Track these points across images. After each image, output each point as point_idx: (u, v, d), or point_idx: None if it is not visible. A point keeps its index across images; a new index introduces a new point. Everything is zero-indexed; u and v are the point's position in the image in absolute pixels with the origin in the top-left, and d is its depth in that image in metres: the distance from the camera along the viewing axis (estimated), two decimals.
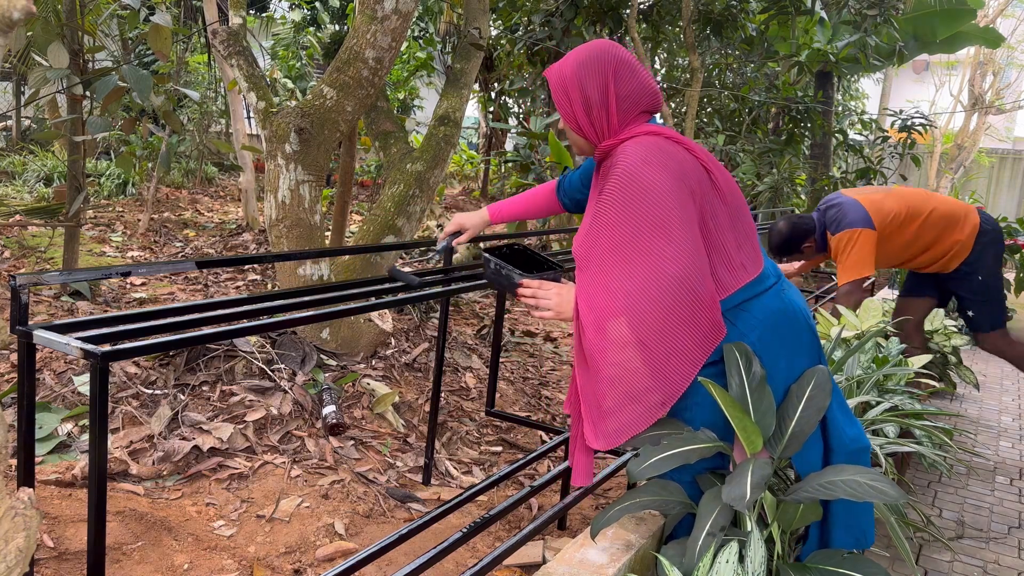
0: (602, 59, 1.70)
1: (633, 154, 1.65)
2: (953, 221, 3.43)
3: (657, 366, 1.59)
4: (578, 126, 1.76)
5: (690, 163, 1.67)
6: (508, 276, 1.82)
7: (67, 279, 1.64)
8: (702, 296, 1.59)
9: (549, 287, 1.79)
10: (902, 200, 3.45)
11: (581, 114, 1.73)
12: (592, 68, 1.70)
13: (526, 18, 7.95)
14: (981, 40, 9.04)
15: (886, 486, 1.43)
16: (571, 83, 1.72)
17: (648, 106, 1.74)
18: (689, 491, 1.71)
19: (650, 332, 1.58)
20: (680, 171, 1.64)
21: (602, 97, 1.70)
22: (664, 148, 1.66)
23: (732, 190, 1.74)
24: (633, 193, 1.61)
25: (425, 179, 3.98)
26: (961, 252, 3.45)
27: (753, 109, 7.02)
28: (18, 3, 0.99)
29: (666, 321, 1.58)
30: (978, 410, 4.45)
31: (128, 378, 2.95)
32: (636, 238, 1.60)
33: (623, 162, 1.65)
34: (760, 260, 1.76)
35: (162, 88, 3.94)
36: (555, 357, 4.60)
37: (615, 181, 1.64)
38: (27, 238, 5.37)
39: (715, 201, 1.69)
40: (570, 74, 1.72)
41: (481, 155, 13.30)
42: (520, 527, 2.59)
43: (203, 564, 2.15)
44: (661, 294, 1.57)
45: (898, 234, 3.43)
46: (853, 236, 3.32)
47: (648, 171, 1.62)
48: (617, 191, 1.63)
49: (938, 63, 16.86)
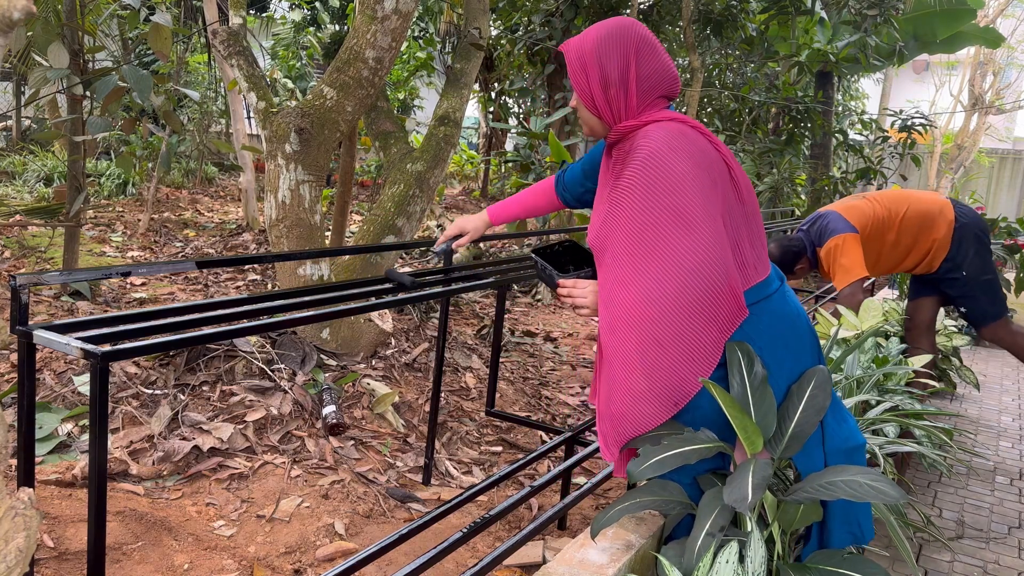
0: (625, 36, 1.63)
1: (658, 139, 1.58)
2: (928, 220, 3.43)
3: (672, 367, 1.55)
4: (593, 104, 1.68)
5: (713, 153, 1.62)
6: (550, 276, 1.83)
7: (67, 279, 1.64)
8: (723, 291, 1.54)
9: (584, 285, 1.76)
10: (879, 202, 3.48)
11: (598, 91, 1.65)
12: (613, 44, 1.62)
13: (526, 18, 7.95)
14: (981, 40, 9.04)
15: (886, 486, 1.43)
16: (590, 58, 1.64)
17: (667, 90, 1.67)
18: (690, 491, 1.71)
19: (666, 330, 1.54)
20: (704, 160, 1.59)
21: (622, 76, 1.63)
22: (689, 136, 1.60)
23: (748, 188, 1.70)
24: (656, 179, 1.55)
25: (425, 179, 3.98)
26: (941, 250, 3.44)
27: (753, 109, 7.02)
28: (18, 3, 0.99)
29: (683, 319, 1.53)
30: (978, 410, 4.45)
31: (128, 378, 2.95)
32: (655, 228, 1.54)
33: (647, 146, 1.58)
34: (768, 262, 1.74)
35: (162, 88, 3.94)
36: (555, 357, 4.60)
37: (637, 166, 1.58)
38: (27, 238, 5.37)
39: (733, 196, 1.64)
40: (590, 49, 1.64)
41: (481, 155, 13.31)
42: (520, 527, 2.59)
43: (203, 564, 2.15)
44: (679, 289, 1.52)
45: (881, 236, 3.45)
46: (838, 243, 3.36)
47: (673, 157, 1.55)
48: (639, 176, 1.57)
49: (938, 63, 16.86)
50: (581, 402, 3.90)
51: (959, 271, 3.46)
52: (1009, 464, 3.65)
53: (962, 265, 3.45)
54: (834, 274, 3.40)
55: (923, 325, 3.68)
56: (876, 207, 3.45)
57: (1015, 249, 5.95)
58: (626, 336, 1.58)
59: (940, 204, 3.47)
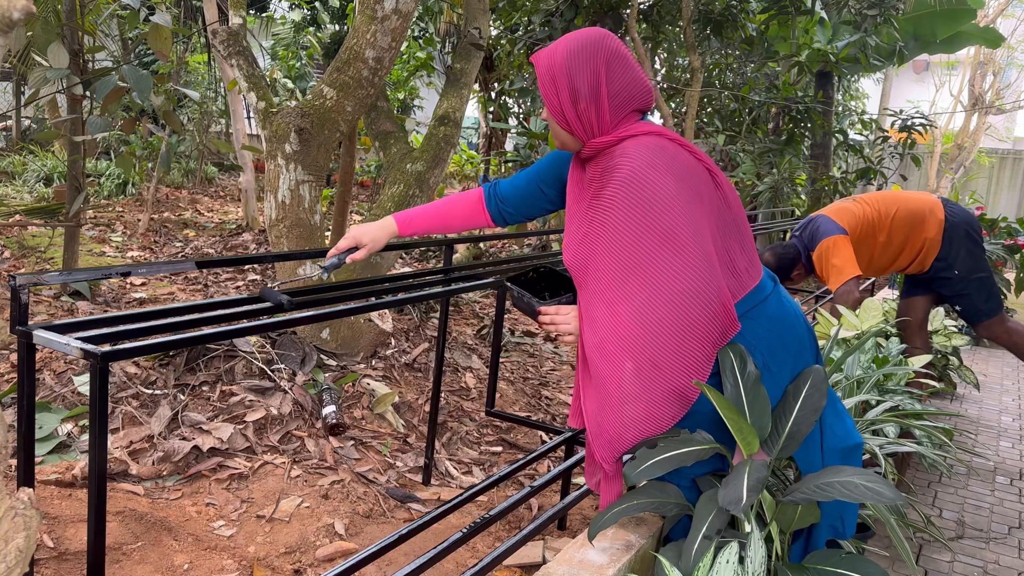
0: (595, 49, 1.57)
1: (637, 157, 1.54)
2: (919, 219, 3.45)
3: (669, 386, 1.54)
4: (564, 119, 1.62)
5: (695, 165, 1.59)
6: (528, 303, 1.79)
7: (67, 279, 1.64)
8: (715, 309, 1.52)
9: (567, 311, 1.73)
10: (869, 204, 3.51)
11: (568, 106, 1.59)
12: (584, 58, 1.56)
13: (526, 18, 7.95)
14: (981, 40, 9.03)
15: (882, 487, 1.43)
16: (559, 71, 1.58)
17: (641, 104, 1.63)
18: (688, 493, 1.71)
19: (660, 351, 1.51)
20: (687, 175, 1.55)
21: (592, 91, 1.57)
22: (669, 151, 1.57)
23: (733, 193, 1.68)
24: (639, 200, 1.51)
25: (425, 179, 3.98)
26: (932, 249, 3.47)
27: (753, 109, 7.02)
28: (18, 3, 0.99)
29: (677, 339, 1.51)
30: (978, 410, 4.45)
31: (128, 378, 2.95)
32: (641, 249, 1.51)
33: (626, 165, 1.54)
34: (760, 266, 1.72)
35: (162, 88, 3.94)
36: (555, 357, 4.60)
37: (617, 186, 1.54)
38: (27, 238, 5.37)
39: (721, 205, 1.62)
40: (560, 62, 1.58)
41: (481, 155, 13.30)
42: (520, 527, 2.59)
43: (203, 564, 2.15)
44: (671, 311, 1.50)
45: (872, 236, 3.47)
46: (828, 245, 3.38)
47: (654, 176, 1.51)
48: (620, 196, 1.52)
49: (938, 63, 16.86)
50: None
51: (951, 270, 3.48)
52: (1009, 464, 3.65)
53: (954, 264, 3.47)
54: (827, 276, 3.42)
55: (915, 324, 3.70)
56: (866, 208, 3.48)
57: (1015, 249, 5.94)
58: (619, 359, 1.55)
59: (930, 204, 3.49)
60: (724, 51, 7.36)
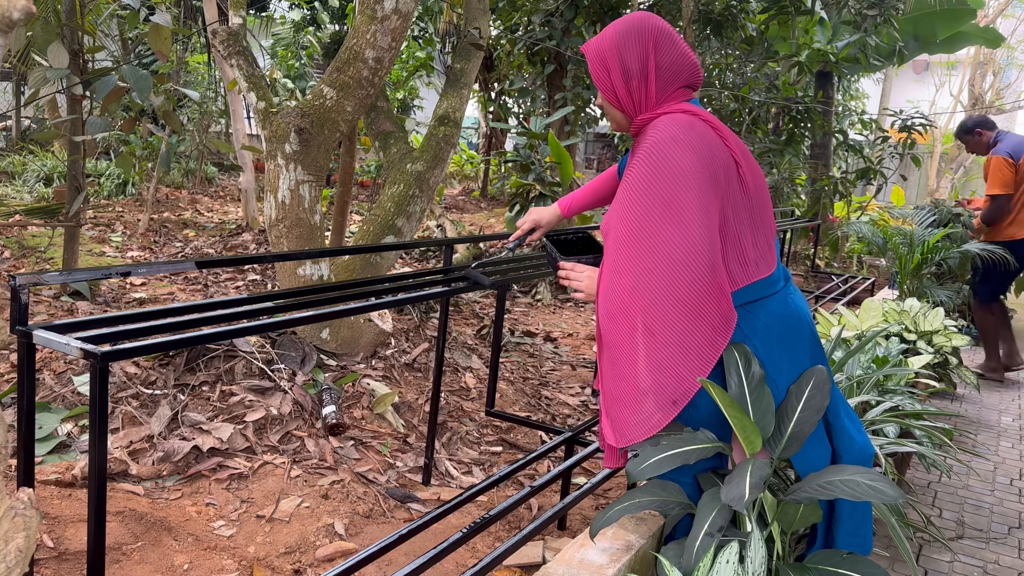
0: (642, 28, 1.65)
1: (664, 129, 1.60)
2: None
3: (665, 360, 1.55)
4: (616, 98, 1.70)
5: (720, 149, 1.62)
6: (553, 257, 1.93)
7: (67, 279, 1.63)
8: (709, 287, 1.54)
9: (582, 270, 1.81)
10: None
11: (620, 85, 1.68)
12: (632, 37, 1.65)
13: (526, 18, 7.95)
14: (981, 40, 9.03)
15: (885, 486, 1.43)
16: (610, 53, 1.67)
17: (688, 80, 1.69)
18: (689, 491, 1.71)
19: (657, 320, 1.55)
20: (708, 154, 1.59)
21: (642, 67, 1.65)
22: (696, 128, 1.61)
23: (759, 185, 1.70)
24: (655, 169, 1.56)
25: (425, 179, 3.98)
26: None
27: (753, 109, 7.02)
28: (18, 3, 0.99)
29: (670, 308, 1.54)
30: (978, 410, 4.45)
31: (128, 378, 2.95)
32: (647, 218, 1.55)
33: (652, 137, 1.60)
34: (774, 261, 1.72)
35: (162, 88, 3.94)
36: (555, 357, 4.59)
37: (640, 156, 1.60)
38: (27, 238, 5.37)
39: (738, 193, 1.64)
40: (608, 45, 1.67)
41: (481, 155, 13.30)
42: (520, 527, 2.59)
43: (203, 564, 2.15)
44: (664, 280, 1.53)
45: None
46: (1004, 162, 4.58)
47: (675, 149, 1.56)
48: (640, 166, 1.59)
49: (938, 63, 16.85)
50: (581, 402, 3.90)
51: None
52: (1009, 464, 3.65)
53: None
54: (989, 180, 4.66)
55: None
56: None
57: None
58: (620, 322, 1.61)
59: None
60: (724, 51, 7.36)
